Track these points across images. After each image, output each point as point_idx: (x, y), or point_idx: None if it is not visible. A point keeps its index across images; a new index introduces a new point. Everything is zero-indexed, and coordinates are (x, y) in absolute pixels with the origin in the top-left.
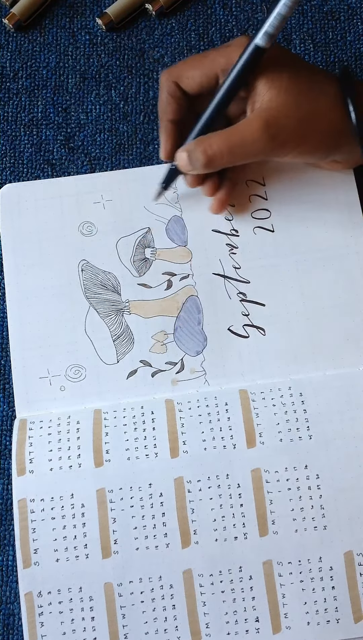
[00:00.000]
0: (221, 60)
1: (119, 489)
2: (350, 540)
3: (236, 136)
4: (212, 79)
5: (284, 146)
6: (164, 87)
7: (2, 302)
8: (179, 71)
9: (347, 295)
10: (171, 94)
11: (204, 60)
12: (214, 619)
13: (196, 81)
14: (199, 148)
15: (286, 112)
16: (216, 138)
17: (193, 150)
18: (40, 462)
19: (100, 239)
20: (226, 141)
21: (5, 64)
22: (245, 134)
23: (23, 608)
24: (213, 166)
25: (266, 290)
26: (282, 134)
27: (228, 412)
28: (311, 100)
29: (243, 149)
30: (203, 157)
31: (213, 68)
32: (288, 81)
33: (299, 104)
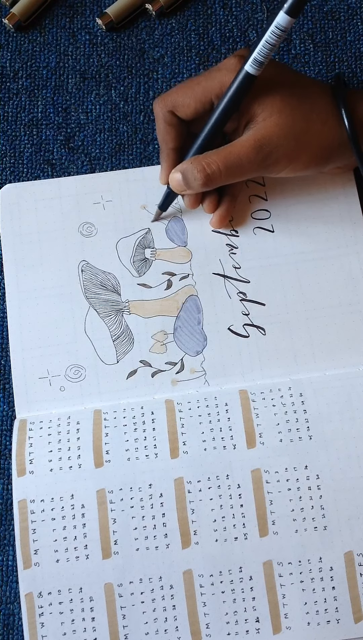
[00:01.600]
0: (213, 86)
1: (119, 490)
2: (350, 541)
3: (232, 156)
4: (206, 105)
5: (277, 164)
6: (160, 117)
7: (2, 302)
8: (173, 100)
9: (347, 295)
10: (169, 123)
11: (197, 87)
12: (215, 619)
13: (191, 109)
14: (197, 167)
15: (279, 132)
16: (213, 157)
17: (190, 170)
18: (41, 463)
19: (100, 240)
20: (224, 160)
21: (5, 64)
22: (240, 153)
23: (23, 608)
24: (211, 185)
25: (267, 290)
26: (275, 153)
27: (228, 413)
28: (303, 118)
29: (240, 168)
30: (202, 176)
31: (206, 95)
32: (281, 102)
33: (291, 124)
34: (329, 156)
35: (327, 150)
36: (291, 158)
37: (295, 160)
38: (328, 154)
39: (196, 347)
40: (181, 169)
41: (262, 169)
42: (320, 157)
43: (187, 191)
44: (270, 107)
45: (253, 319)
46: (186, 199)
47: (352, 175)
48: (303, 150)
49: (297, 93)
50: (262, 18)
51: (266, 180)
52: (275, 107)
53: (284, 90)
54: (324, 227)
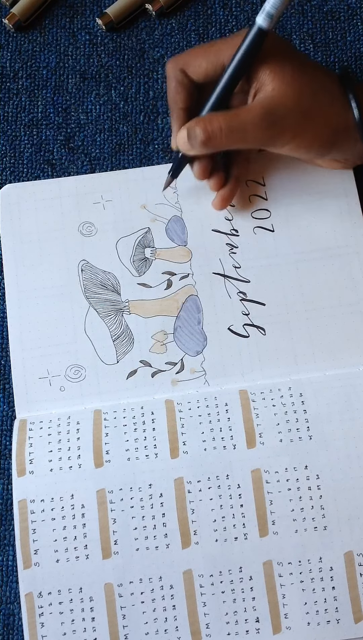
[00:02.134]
0: (227, 49)
1: (119, 490)
2: (350, 541)
3: (236, 118)
4: (218, 68)
5: (281, 136)
6: (171, 76)
7: (2, 302)
8: (186, 60)
9: (347, 295)
10: (180, 82)
11: (211, 49)
12: (215, 619)
13: (202, 69)
14: (200, 124)
15: (287, 103)
16: (216, 117)
17: (193, 128)
18: (41, 463)
19: (100, 239)
20: (226, 121)
21: (5, 64)
22: (245, 118)
23: (23, 609)
24: (211, 144)
25: (267, 290)
26: (280, 123)
27: (228, 413)
28: (311, 94)
29: (242, 133)
30: (203, 133)
31: (219, 57)
32: (291, 74)
33: (300, 97)
34: (334, 139)
35: (332, 132)
36: (296, 132)
37: (299, 135)
38: (333, 137)
39: (196, 347)
40: (187, 126)
41: (266, 138)
42: (324, 137)
43: (191, 151)
44: (280, 78)
45: (253, 319)
46: (194, 167)
47: (352, 175)
48: (308, 127)
49: (308, 71)
50: None
51: (266, 180)
52: (286, 79)
53: (295, 65)
54: (324, 227)
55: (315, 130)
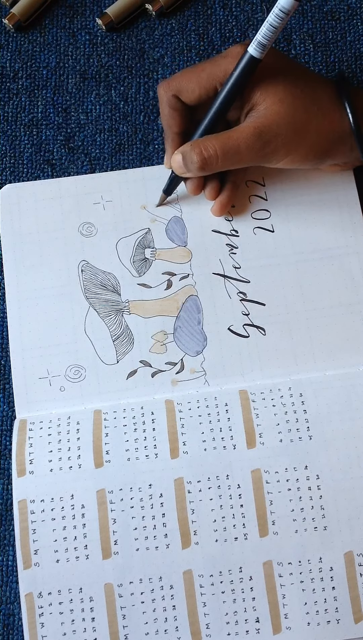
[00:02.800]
0: (218, 73)
1: (119, 490)
2: (350, 541)
3: (230, 141)
4: (211, 91)
5: (275, 154)
6: (164, 101)
7: (2, 303)
8: (178, 85)
9: (347, 295)
10: (173, 108)
11: (202, 73)
12: (215, 619)
13: (195, 95)
14: (195, 150)
15: (279, 121)
16: (211, 141)
17: (188, 152)
18: (41, 463)
19: (100, 240)
20: (222, 145)
21: (5, 64)
22: (238, 139)
23: (23, 609)
24: (208, 169)
25: (267, 290)
26: (274, 142)
27: (228, 413)
28: (304, 110)
29: (236, 155)
30: (199, 159)
31: (211, 81)
32: (283, 91)
33: (292, 114)
34: (328, 150)
35: (326, 143)
36: (290, 148)
37: (293, 151)
38: (328, 148)
39: (196, 347)
40: (182, 150)
41: (260, 157)
42: (318, 149)
43: (187, 174)
44: (272, 95)
45: (253, 319)
46: (188, 185)
47: (352, 176)
48: (302, 141)
49: (300, 84)
50: (262, 18)
51: (266, 181)
52: (277, 96)
53: (287, 80)
54: (324, 227)
55: (309, 144)
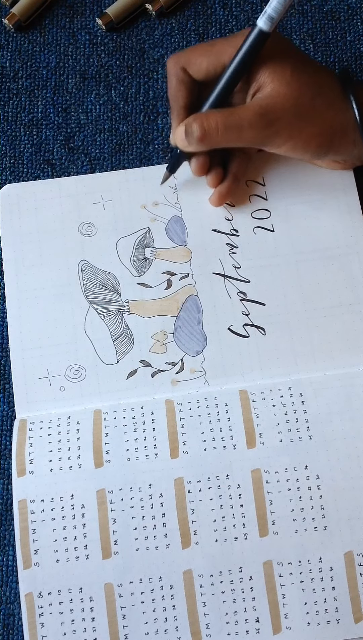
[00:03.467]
0: (228, 49)
1: (119, 490)
2: (351, 541)
3: (233, 116)
4: (219, 67)
5: (277, 136)
6: (172, 74)
7: (2, 302)
8: (188, 58)
9: (347, 295)
10: (181, 80)
11: (212, 48)
12: (215, 619)
13: (203, 68)
14: (196, 122)
15: (285, 104)
16: (213, 114)
17: (190, 124)
18: (41, 463)
19: (100, 239)
20: (223, 119)
21: (5, 64)
22: (242, 115)
23: (23, 609)
24: (207, 141)
25: (267, 290)
26: (277, 123)
27: (228, 413)
28: (310, 96)
29: (238, 131)
30: (199, 130)
31: (220, 57)
32: (290, 75)
33: (298, 99)
34: (330, 141)
35: (329, 133)
36: (293, 133)
37: (295, 136)
38: (330, 138)
39: (196, 347)
40: (185, 122)
41: (262, 138)
42: (321, 139)
43: (188, 147)
44: (279, 77)
45: (253, 319)
46: (192, 163)
47: (352, 176)
48: (305, 128)
49: (307, 71)
50: None
51: (266, 180)
52: (285, 79)
53: (295, 66)
54: (324, 227)
55: (312, 131)
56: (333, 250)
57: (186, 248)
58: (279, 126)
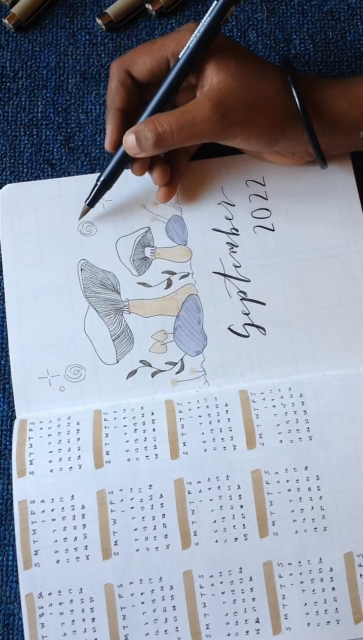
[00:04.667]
0: (170, 44)
1: (119, 490)
2: (350, 541)
3: (186, 115)
4: (163, 64)
5: (233, 127)
6: (114, 76)
7: (2, 302)
8: (131, 59)
9: (347, 295)
10: (121, 82)
11: (154, 46)
12: (215, 619)
13: (147, 67)
14: (149, 126)
15: (234, 94)
16: (166, 116)
17: (142, 130)
18: (41, 463)
19: (99, 239)
20: (176, 119)
21: (5, 64)
22: (195, 112)
23: (24, 609)
24: (163, 145)
25: (267, 289)
26: (231, 115)
27: (228, 413)
28: (256, 85)
29: (193, 128)
30: (153, 135)
31: (163, 53)
32: (235, 66)
33: (245, 88)
34: (283, 126)
35: (280, 118)
36: (247, 122)
37: (250, 124)
38: (282, 124)
39: (196, 347)
40: (135, 130)
41: (218, 131)
42: (273, 124)
43: (141, 154)
44: (225, 70)
45: (253, 319)
46: (134, 165)
47: (352, 175)
48: (257, 115)
49: (250, 64)
50: (262, 18)
51: (266, 180)
52: (230, 72)
53: (239, 59)
54: (324, 227)
55: (265, 118)
56: (333, 249)
57: (186, 247)
58: (233, 117)
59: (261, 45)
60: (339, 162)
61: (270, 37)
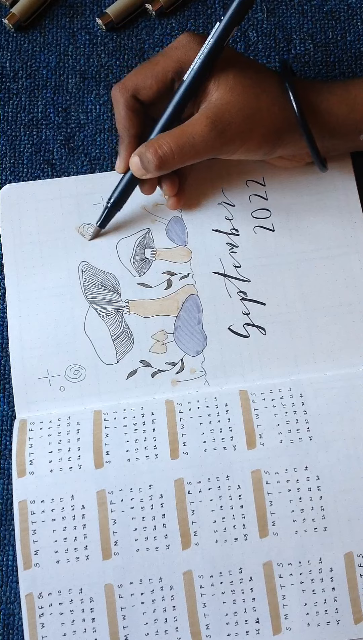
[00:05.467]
0: (172, 64)
1: (119, 491)
2: (350, 542)
3: (185, 135)
4: (167, 84)
5: (231, 142)
6: (121, 103)
7: (2, 303)
8: (135, 83)
9: (347, 295)
10: (130, 109)
11: (156, 67)
12: (215, 620)
13: (153, 90)
14: (150, 150)
15: (231, 110)
16: (165, 138)
17: (144, 153)
18: (41, 464)
19: (100, 240)
20: (176, 140)
21: (5, 64)
22: (193, 132)
23: (24, 609)
24: (165, 167)
25: (267, 289)
26: (228, 131)
27: (228, 413)
28: (254, 97)
29: (192, 148)
30: (155, 158)
31: (166, 73)
32: (233, 80)
33: (243, 102)
34: (280, 136)
35: (278, 129)
36: (245, 136)
37: (247, 138)
38: (280, 134)
39: (196, 347)
40: (138, 152)
41: (217, 148)
42: (271, 135)
43: (146, 175)
44: (223, 85)
45: (253, 319)
46: (142, 186)
47: (352, 175)
48: (255, 128)
49: (249, 74)
50: (262, 18)
51: (266, 180)
52: (228, 85)
53: (236, 69)
54: (325, 227)
55: (262, 130)
56: (333, 250)
57: (186, 248)
58: (230, 133)
59: (261, 45)
60: (339, 162)
61: (270, 37)
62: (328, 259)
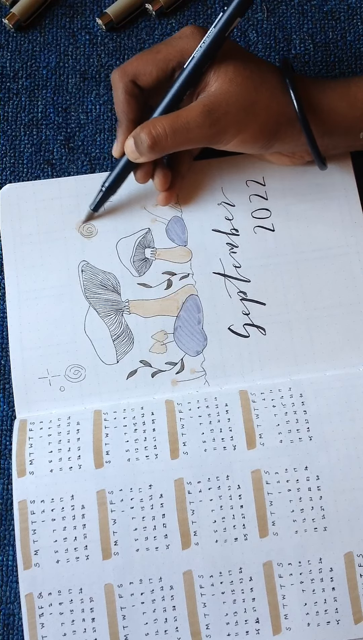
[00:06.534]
0: (174, 53)
1: (119, 490)
2: (350, 542)
3: (180, 119)
4: (168, 72)
5: (225, 132)
6: (119, 87)
7: (2, 303)
8: (135, 68)
9: (347, 295)
10: (130, 94)
11: (158, 55)
12: (215, 620)
13: (153, 77)
14: (144, 130)
15: (229, 100)
16: (159, 120)
17: (139, 134)
18: (41, 463)
19: (100, 240)
20: (170, 123)
21: (5, 64)
22: (188, 117)
23: (24, 609)
24: (158, 148)
25: (267, 289)
26: (223, 120)
27: (228, 413)
28: (253, 89)
29: (187, 133)
30: (148, 138)
31: (167, 62)
32: (233, 71)
33: (241, 94)
34: (276, 131)
35: (275, 124)
36: (240, 127)
37: (243, 130)
38: (276, 129)
39: (196, 347)
40: (134, 134)
41: (210, 136)
42: (267, 129)
43: (139, 158)
44: (223, 75)
45: (253, 319)
46: (136, 173)
47: (352, 175)
48: (251, 120)
49: (249, 66)
50: (262, 18)
51: (266, 180)
52: (227, 76)
53: (237, 62)
54: (324, 227)
55: (258, 123)
56: (333, 250)
57: (186, 248)
58: (226, 122)
59: (261, 45)
60: (339, 162)
61: (270, 37)
62: (328, 258)
